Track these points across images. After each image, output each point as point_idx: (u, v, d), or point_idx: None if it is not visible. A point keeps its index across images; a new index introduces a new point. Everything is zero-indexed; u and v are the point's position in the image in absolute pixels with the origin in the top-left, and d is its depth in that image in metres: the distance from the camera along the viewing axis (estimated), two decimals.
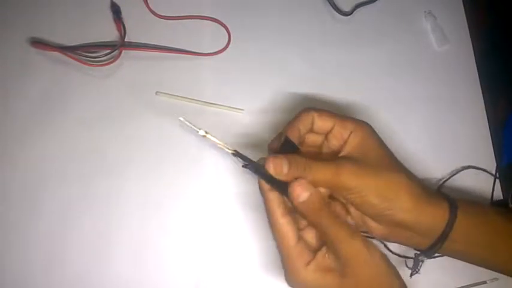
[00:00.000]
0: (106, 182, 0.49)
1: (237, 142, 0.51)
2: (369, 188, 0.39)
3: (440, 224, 0.41)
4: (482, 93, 0.55)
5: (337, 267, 0.38)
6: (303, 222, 0.41)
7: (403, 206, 0.40)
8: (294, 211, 0.39)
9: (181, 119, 0.39)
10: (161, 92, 0.53)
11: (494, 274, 0.48)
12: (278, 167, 0.38)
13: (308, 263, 0.38)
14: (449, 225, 0.40)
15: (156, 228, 0.48)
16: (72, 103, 0.52)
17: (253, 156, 0.46)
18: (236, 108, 0.53)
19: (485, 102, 0.55)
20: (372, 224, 0.41)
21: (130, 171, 0.50)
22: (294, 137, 0.41)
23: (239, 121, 0.52)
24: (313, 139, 0.44)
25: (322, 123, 0.42)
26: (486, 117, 0.54)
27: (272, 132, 0.52)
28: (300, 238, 0.39)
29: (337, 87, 0.54)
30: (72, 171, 0.50)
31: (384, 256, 0.38)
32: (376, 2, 0.58)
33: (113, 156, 0.50)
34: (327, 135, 0.43)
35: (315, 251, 0.39)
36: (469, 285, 0.48)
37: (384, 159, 0.41)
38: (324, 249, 0.39)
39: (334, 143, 0.42)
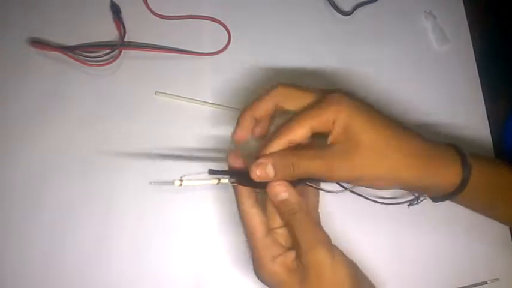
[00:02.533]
0: (106, 182, 0.49)
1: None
2: (370, 176, 0.39)
3: (454, 182, 0.41)
4: (482, 93, 0.55)
5: (300, 271, 0.38)
6: (277, 222, 0.41)
7: (409, 179, 0.40)
8: (262, 203, 0.40)
9: (152, 183, 0.39)
10: (161, 92, 0.53)
11: (495, 274, 0.48)
12: (263, 173, 0.38)
13: (275, 257, 0.39)
14: (464, 183, 0.41)
15: (157, 227, 0.48)
16: (72, 103, 0.52)
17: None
18: (236, 108, 0.53)
19: (485, 102, 0.55)
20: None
21: (130, 171, 0.50)
22: (261, 115, 0.42)
23: None
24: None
25: (297, 136, 0.40)
26: (486, 117, 0.54)
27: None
28: (269, 232, 0.40)
29: (337, 87, 0.54)
30: (72, 171, 0.50)
31: (351, 266, 0.38)
32: (377, 1, 0.58)
33: (113, 155, 0.50)
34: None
35: (285, 249, 0.39)
36: (470, 285, 0.48)
37: (375, 143, 0.39)
38: (294, 251, 0.39)
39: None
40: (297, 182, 0.40)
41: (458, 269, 0.48)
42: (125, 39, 0.54)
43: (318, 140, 0.41)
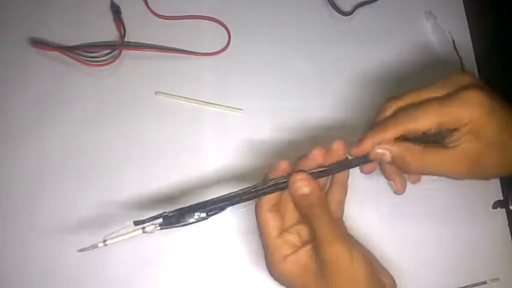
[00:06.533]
0: (105, 182, 0.49)
1: (236, 142, 0.51)
2: (492, 175, 0.39)
3: None
4: None
5: (316, 266, 0.38)
6: (290, 221, 0.41)
7: None
8: (280, 208, 0.40)
9: (79, 250, 0.37)
10: (161, 92, 0.53)
11: (495, 274, 0.48)
12: (378, 156, 0.39)
13: (286, 257, 0.38)
14: None
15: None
16: (72, 103, 0.52)
17: (256, 157, 0.46)
18: (235, 109, 0.53)
19: None
20: None
21: (129, 171, 0.50)
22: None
23: (238, 121, 0.52)
24: None
25: (419, 128, 0.38)
26: None
27: (272, 133, 0.52)
28: (281, 233, 0.39)
29: (337, 87, 0.54)
30: (71, 171, 0.50)
31: (369, 263, 0.38)
32: (377, 1, 0.58)
33: (112, 156, 0.50)
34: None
35: (298, 247, 0.39)
36: (469, 285, 0.48)
37: (506, 146, 0.38)
38: (309, 246, 0.39)
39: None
40: (321, 174, 0.40)
41: (458, 268, 0.48)
42: (125, 39, 0.54)
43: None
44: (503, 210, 0.50)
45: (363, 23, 0.57)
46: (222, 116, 0.53)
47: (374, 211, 0.50)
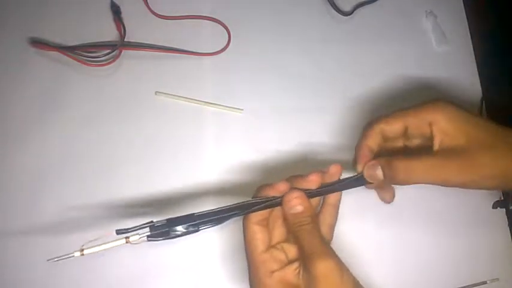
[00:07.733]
0: (105, 182, 0.49)
1: (236, 143, 0.51)
2: (485, 177, 0.39)
3: None
4: (482, 93, 0.55)
5: (304, 284, 0.37)
6: (277, 238, 0.41)
7: None
8: (268, 223, 0.40)
9: (49, 260, 0.35)
10: (161, 92, 0.53)
11: (495, 274, 0.48)
12: (372, 174, 0.41)
13: (273, 272, 0.38)
14: None
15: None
16: (72, 103, 0.52)
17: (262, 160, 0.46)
18: (236, 108, 0.53)
19: (485, 103, 0.55)
20: None
21: (129, 171, 0.50)
22: (366, 157, 0.42)
23: (239, 121, 0.52)
24: (391, 144, 0.44)
25: (391, 128, 0.42)
26: (486, 118, 0.54)
27: (272, 133, 0.52)
28: (268, 248, 0.39)
29: (337, 87, 0.54)
30: (71, 171, 0.50)
31: (356, 282, 0.38)
32: (377, 1, 0.58)
33: (112, 156, 0.50)
34: (405, 135, 0.43)
35: (284, 264, 0.39)
36: (469, 285, 0.48)
37: (485, 142, 0.39)
38: (296, 263, 0.39)
39: (416, 141, 0.43)
40: (317, 193, 0.41)
41: (458, 269, 0.48)
42: (125, 39, 0.54)
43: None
44: (503, 210, 0.50)
45: (363, 23, 0.57)
46: (222, 116, 0.53)
47: (374, 212, 0.50)
